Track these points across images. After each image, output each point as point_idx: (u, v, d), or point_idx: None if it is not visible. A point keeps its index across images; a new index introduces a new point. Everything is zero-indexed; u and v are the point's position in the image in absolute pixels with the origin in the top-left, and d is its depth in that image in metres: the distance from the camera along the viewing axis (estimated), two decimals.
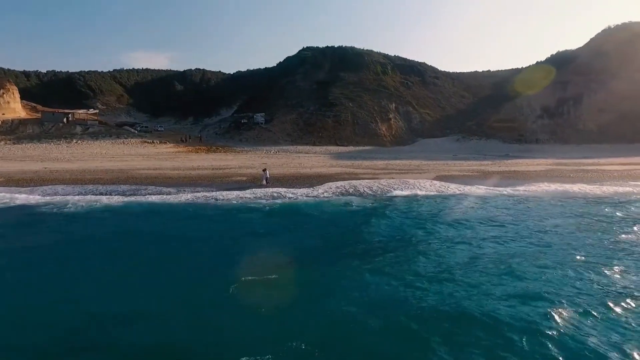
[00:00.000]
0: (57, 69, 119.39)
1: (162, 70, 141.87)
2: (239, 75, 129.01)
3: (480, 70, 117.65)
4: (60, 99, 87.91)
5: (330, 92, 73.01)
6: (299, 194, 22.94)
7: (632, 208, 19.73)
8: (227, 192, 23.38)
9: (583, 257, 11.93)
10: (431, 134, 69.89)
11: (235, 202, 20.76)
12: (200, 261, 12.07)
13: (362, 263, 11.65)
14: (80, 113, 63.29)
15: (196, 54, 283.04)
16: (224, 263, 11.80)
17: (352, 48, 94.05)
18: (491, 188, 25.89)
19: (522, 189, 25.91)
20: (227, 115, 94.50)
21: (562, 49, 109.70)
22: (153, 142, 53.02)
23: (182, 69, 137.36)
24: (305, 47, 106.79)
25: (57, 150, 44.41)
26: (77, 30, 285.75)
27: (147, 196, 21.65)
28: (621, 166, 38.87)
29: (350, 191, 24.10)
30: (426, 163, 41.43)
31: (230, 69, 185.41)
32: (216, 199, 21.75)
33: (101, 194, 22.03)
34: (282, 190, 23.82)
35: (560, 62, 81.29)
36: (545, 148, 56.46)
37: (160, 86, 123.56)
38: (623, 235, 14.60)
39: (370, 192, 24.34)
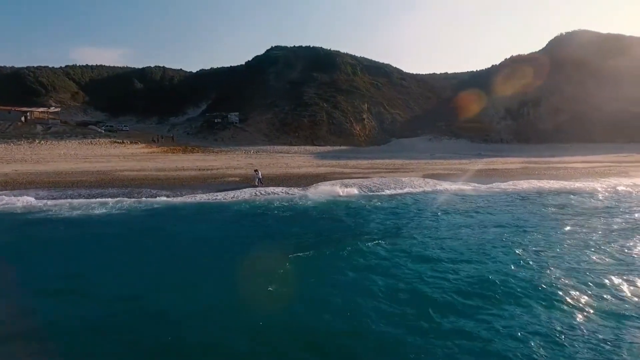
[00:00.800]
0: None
1: (117, 67, 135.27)
2: (203, 74, 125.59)
3: (438, 73, 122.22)
4: (5, 95, 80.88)
5: (305, 92, 73.05)
6: (303, 194, 22.77)
7: (619, 201, 21.52)
8: (226, 192, 22.92)
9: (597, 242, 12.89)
10: (403, 134, 71.82)
11: (246, 204, 20.26)
12: (245, 263, 11.74)
13: (398, 252, 11.86)
14: (40, 111, 58.72)
15: (151, 50, 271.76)
16: (272, 266, 11.54)
17: (322, 48, 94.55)
18: (481, 185, 27.14)
19: (508, 186, 27.44)
20: (194, 114, 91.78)
21: (515, 53, 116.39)
22: (123, 142, 50.33)
23: (138, 66, 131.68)
24: (274, 46, 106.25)
25: (19, 151, 40.96)
26: (13, 21, 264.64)
27: (143, 198, 20.64)
28: (584, 164, 42.03)
29: (353, 191, 24.26)
30: (409, 162, 42.55)
31: (190, 67, 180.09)
32: (222, 200, 21.25)
33: (93, 197, 20.69)
34: (278, 189, 23.60)
35: (513, 66, 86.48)
36: (512, 147, 59.88)
37: (117, 83, 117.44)
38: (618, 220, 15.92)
39: (369, 191, 24.69)
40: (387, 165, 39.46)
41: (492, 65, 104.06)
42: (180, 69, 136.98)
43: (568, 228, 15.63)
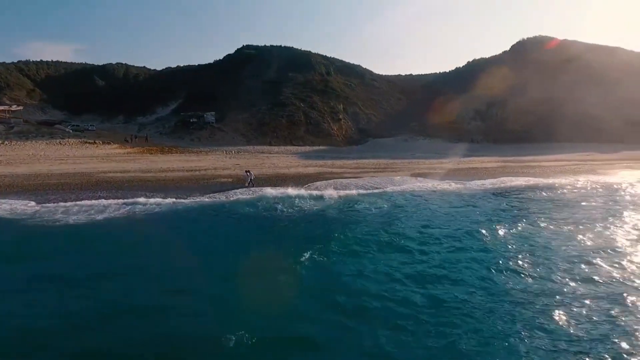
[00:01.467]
0: None
1: (75, 63, 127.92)
2: (171, 72, 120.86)
3: (403, 74, 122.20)
4: None
5: (281, 91, 72.47)
6: (304, 194, 22.58)
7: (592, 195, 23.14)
8: (225, 193, 22.58)
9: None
10: (378, 134, 72.91)
11: (252, 206, 19.88)
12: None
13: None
14: (0, 110, 54.29)
15: (109, 47, 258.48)
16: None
17: (296, 48, 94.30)
18: (469, 182, 28.32)
19: (497, 182, 28.81)
20: (164, 113, 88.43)
21: (478, 56, 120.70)
22: (95, 142, 47.64)
23: (97, 63, 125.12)
24: (245, 45, 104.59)
25: None
26: None
27: (141, 200, 19.80)
28: (555, 162, 44.64)
29: (352, 192, 24.38)
30: (393, 162, 43.33)
31: (155, 65, 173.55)
32: (225, 201, 20.74)
33: (83, 199, 19.55)
34: (275, 191, 23.31)
35: (478, 68, 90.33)
36: (484, 147, 62.38)
37: (76, 81, 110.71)
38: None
39: (368, 190, 24.99)
40: (373, 165, 40.00)
41: (457, 68, 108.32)
42: (144, 67, 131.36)
43: (558, 216, 16.98)
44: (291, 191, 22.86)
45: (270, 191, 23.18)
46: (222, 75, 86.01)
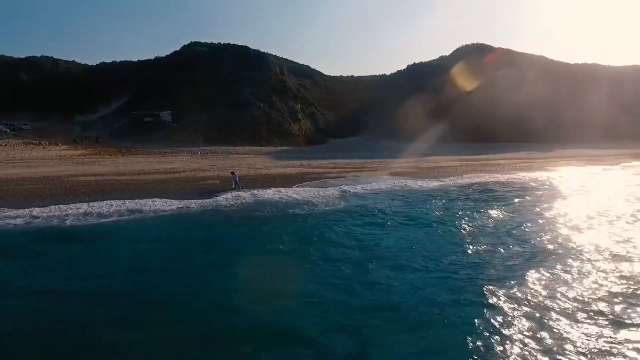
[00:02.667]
0: None
1: None
2: (109, 67, 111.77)
3: (345, 75, 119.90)
4: None
5: (240, 91, 70.78)
6: (304, 197, 22.46)
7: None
8: (223, 195, 21.77)
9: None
10: (337, 134, 74.35)
11: (259, 209, 19.45)
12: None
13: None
14: None
15: (30, 38, 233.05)
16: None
17: (246, 47, 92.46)
18: (447, 180, 30.28)
19: (468, 179, 31.04)
20: (107, 112, 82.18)
21: (417, 60, 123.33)
22: (41, 143, 43.06)
23: (15, 55, 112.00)
24: (193, 41, 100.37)
25: None
26: None
27: (142, 204, 18.64)
28: (507, 161, 48.76)
29: (349, 189, 24.85)
30: (366, 161, 44.59)
31: (86, 60, 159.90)
32: (225, 205, 19.97)
33: (68, 202, 17.90)
34: (269, 191, 23.10)
35: (419, 72, 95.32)
36: (439, 147, 66.12)
37: None
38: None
39: (364, 190, 25.61)
40: (349, 165, 40.86)
41: (398, 71, 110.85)
42: (74, 61, 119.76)
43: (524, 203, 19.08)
44: (303, 192, 22.82)
45: (270, 192, 22.87)
46: (171, 73, 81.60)
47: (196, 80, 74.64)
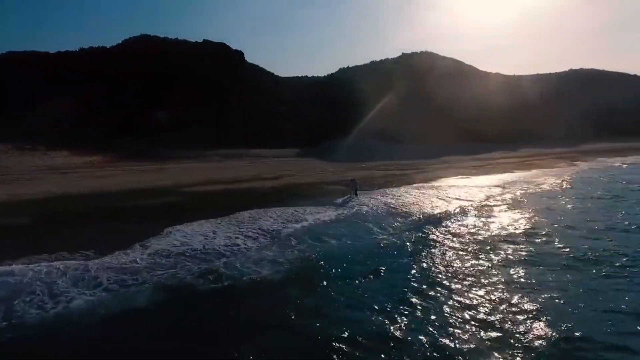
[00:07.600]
0: None
1: None
2: (53, 56, 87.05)
3: (282, 76, 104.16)
4: None
5: (232, 91, 65.53)
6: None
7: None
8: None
9: None
10: (329, 136, 71.07)
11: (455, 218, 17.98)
12: None
13: None
14: None
15: None
16: None
17: (225, 45, 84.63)
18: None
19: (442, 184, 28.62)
20: (61, 110, 68.96)
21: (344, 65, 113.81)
22: (38, 148, 35.02)
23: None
24: (152, 35, 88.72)
25: None
26: None
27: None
28: (472, 162, 46.93)
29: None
30: (411, 162, 44.15)
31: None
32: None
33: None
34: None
35: (348, 76, 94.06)
36: (401, 148, 62.75)
37: None
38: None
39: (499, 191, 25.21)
40: (398, 167, 39.50)
41: (330, 74, 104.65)
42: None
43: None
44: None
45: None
46: (129, 68, 68.91)
47: (177, 77, 66.74)
